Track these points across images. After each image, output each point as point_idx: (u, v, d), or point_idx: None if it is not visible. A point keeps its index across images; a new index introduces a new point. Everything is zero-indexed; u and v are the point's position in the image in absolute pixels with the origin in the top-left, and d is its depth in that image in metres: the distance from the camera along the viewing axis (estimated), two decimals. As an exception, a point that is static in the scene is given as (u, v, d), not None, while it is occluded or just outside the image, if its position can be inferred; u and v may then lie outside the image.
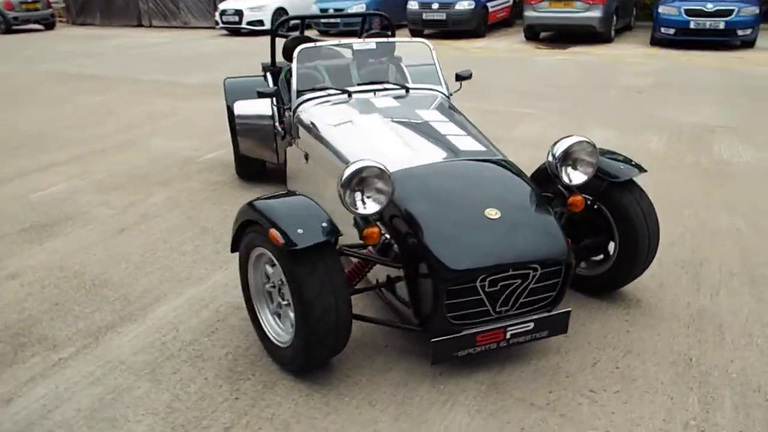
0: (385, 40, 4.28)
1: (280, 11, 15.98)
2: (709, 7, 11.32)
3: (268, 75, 4.83)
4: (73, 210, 4.45)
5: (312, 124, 3.59)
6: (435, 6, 13.94)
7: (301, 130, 3.71)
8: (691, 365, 2.62)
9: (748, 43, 11.59)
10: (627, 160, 3.02)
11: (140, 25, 19.35)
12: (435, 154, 2.98)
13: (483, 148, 3.10)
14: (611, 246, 3.02)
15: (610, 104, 7.52)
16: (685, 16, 11.46)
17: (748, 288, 3.22)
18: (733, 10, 11.18)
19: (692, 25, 11.39)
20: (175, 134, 6.53)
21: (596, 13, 12.21)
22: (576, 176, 2.76)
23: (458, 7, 13.84)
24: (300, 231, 2.29)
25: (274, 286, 2.62)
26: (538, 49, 12.33)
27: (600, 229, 3.00)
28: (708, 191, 4.58)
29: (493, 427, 2.28)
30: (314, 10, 15.28)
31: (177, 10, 18.75)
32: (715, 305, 3.06)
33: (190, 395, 2.47)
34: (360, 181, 2.41)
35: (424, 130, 3.30)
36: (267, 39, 5.32)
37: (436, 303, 2.38)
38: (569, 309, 2.57)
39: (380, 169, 2.41)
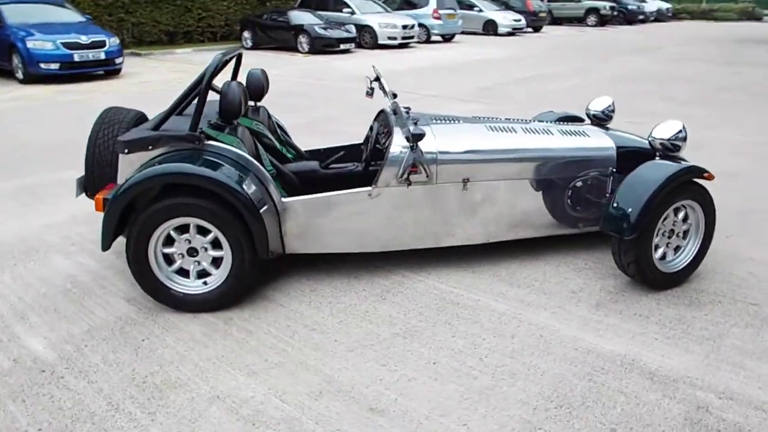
0: None
1: None
2: (84, 39, 11.33)
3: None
4: None
5: (462, 148, 3.60)
6: None
7: (446, 165, 3.54)
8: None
9: (116, 71, 12.27)
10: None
11: None
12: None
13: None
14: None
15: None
16: (66, 50, 11.04)
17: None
18: (105, 41, 11.62)
19: (77, 58, 11.16)
20: None
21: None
22: None
23: None
24: None
25: None
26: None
27: None
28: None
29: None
30: None
31: None
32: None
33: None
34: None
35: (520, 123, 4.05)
36: None
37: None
38: None
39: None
